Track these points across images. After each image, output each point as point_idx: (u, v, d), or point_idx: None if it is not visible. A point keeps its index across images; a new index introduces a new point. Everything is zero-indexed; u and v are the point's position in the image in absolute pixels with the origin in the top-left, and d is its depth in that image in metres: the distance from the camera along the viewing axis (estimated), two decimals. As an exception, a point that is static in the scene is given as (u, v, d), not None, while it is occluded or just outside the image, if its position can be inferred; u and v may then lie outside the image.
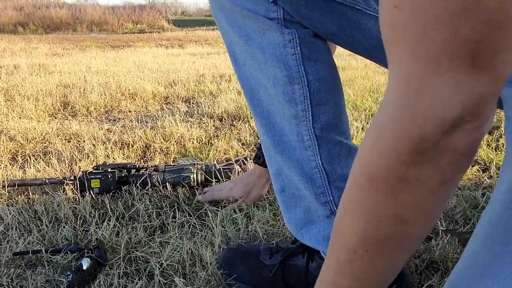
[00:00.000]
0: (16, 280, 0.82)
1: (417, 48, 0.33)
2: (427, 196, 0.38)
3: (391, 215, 0.39)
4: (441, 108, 0.33)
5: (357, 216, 0.41)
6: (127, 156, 1.48)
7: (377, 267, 0.43)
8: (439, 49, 0.32)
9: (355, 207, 0.42)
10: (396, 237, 0.41)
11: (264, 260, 0.79)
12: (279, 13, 0.63)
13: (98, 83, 2.88)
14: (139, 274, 0.84)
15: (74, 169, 1.37)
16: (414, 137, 0.35)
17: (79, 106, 2.24)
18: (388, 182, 0.37)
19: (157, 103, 2.41)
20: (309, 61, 0.65)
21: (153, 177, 1.18)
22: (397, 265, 0.45)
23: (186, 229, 0.98)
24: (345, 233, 0.43)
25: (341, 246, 0.44)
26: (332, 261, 0.47)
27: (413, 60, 0.34)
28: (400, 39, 0.34)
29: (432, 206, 0.39)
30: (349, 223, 0.43)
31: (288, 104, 0.66)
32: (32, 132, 1.72)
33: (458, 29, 0.31)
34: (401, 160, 0.36)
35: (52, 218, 1.04)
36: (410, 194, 0.37)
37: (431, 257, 0.87)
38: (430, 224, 0.41)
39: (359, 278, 0.45)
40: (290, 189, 0.73)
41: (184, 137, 1.67)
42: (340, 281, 0.46)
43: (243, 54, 0.68)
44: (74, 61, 4.20)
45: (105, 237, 0.93)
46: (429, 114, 0.34)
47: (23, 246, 0.92)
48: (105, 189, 1.15)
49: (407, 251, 0.43)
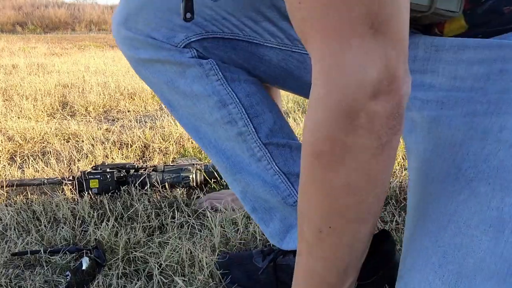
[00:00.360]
0: (14, 280, 0.82)
1: (325, 29, 0.38)
2: (370, 160, 0.41)
3: (343, 185, 0.42)
4: (359, 75, 0.38)
5: (314, 194, 0.44)
6: (126, 156, 1.48)
7: (343, 244, 0.46)
8: (341, 24, 0.37)
9: (310, 186, 0.45)
10: (353, 209, 0.44)
11: (257, 263, 0.80)
12: (193, 52, 0.69)
13: (96, 83, 2.88)
14: (138, 274, 0.84)
15: (73, 169, 1.36)
16: (342, 105, 0.39)
17: (78, 106, 2.24)
18: (332, 152, 0.41)
19: (156, 103, 2.41)
20: (233, 82, 0.70)
21: (152, 177, 1.18)
22: (363, 241, 0.47)
23: (185, 230, 0.98)
24: (308, 213, 0.46)
25: (308, 228, 0.47)
26: (303, 245, 0.49)
27: (324, 41, 0.39)
28: (310, 27, 0.39)
29: (377, 172, 0.42)
30: (309, 203, 0.46)
31: (230, 125, 0.71)
32: (30, 132, 1.72)
33: (352, 4, 0.37)
34: (336, 128, 0.40)
35: (51, 218, 1.04)
36: (354, 160, 0.41)
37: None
38: (381, 192, 0.44)
39: (329, 258, 0.47)
40: (260, 205, 0.75)
41: (183, 137, 1.67)
42: (313, 264, 0.49)
43: (174, 97, 0.73)
44: (72, 61, 4.19)
45: (104, 238, 0.93)
46: (350, 82, 0.38)
47: (21, 246, 0.92)
48: (104, 189, 1.14)
49: (367, 224, 0.46)
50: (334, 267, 0.48)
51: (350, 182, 0.42)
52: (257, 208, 0.76)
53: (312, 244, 0.47)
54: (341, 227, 0.45)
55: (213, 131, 0.73)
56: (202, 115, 0.72)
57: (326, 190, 0.43)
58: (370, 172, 0.42)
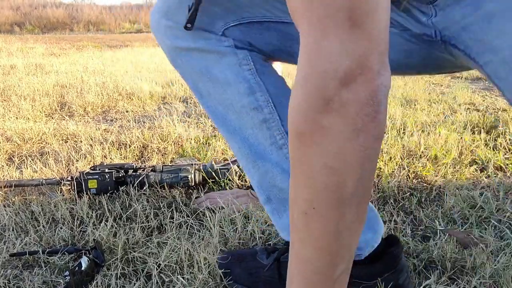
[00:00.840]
0: (13, 281, 0.82)
1: (309, 17, 0.43)
2: (346, 144, 0.44)
3: (322, 165, 0.45)
4: (334, 62, 0.42)
5: (298, 174, 0.48)
6: (124, 157, 1.47)
7: (329, 230, 0.48)
8: (324, 15, 0.42)
9: (294, 167, 0.48)
10: (333, 190, 0.46)
11: (262, 260, 0.81)
12: (230, 41, 0.73)
13: (95, 83, 2.87)
14: (137, 274, 0.84)
15: (71, 169, 1.36)
16: (318, 88, 0.43)
17: (76, 106, 2.24)
18: (310, 132, 0.45)
19: (155, 103, 2.41)
20: (263, 74, 0.74)
21: (150, 177, 1.18)
22: (350, 228, 0.49)
23: (184, 230, 0.97)
24: (294, 196, 0.49)
25: (296, 212, 0.50)
26: (293, 232, 0.51)
27: (308, 28, 0.43)
28: (299, 15, 0.44)
29: (354, 156, 0.45)
30: (295, 185, 0.49)
31: (255, 112, 0.73)
32: (28, 132, 1.72)
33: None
34: (313, 110, 0.44)
35: (49, 219, 1.03)
36: (330, 142, 0.44)
37: (429, 256, 0.87)
38: (362, 178, 0.46)
39: (317, 245, 0.49)
40: (275, 195, 0.76)
41: (181, 137, 1.67)
42: (303, 251, 0.51)
43: (206, 85, 0.76)
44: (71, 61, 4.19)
45: (102, 238, 0.93)
46: (326, 67, 0.42)
47: (20, 247, 0.91)
48: (102, 189, 1.14)
49: (350, 209, 0.48)
50: (323, 254, 0.50)
51: (327, 163, 0.45)
52: (272, 198, 0.76)
53: (301, 229, 0.50)
54: (324, 209, 0.47)
55: (238, 118, 0.75)
56: (230, 102, 0.75)
57: (307, 170, 0.47)
58: (345, 156, 0.45)
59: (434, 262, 0.86)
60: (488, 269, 0.80)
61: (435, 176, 1.28)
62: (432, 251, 0.87)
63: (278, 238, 0.94)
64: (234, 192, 1.13)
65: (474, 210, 1.05)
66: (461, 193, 1.13)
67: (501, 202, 1.10)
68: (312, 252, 0.50)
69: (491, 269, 0.80)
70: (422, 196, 1.14)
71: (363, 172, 0.46)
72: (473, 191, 1.14)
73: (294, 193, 0.50)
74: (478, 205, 1.07)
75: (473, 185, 1.21)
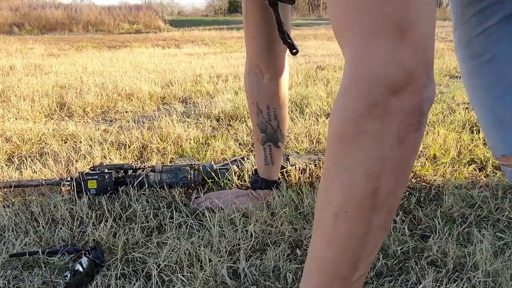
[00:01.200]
0: (13, 281, 0.82)
1: (359, 28, 0.45)
2: (389, 151, 0.45)
3: (364, 170, 0.46)
4: (383, 70, 0.43)
5: (335, 177, 0.49)
6: (124, 157, 1.47)
7: (357, 234, 0.49)
8: (373, 25, 0.44)
9: (331, 169, 0.49)
10: (369, 195, 0.47)
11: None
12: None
13: (94, 83, 2.87)
14: (136, 275, 0.84)
15: (71, 170, 1.36)
16: (365, 92, 0.44)
17: (76, 107, 2.24)
18: (353, 136, 0.46)
19: (154, 103, 2.41)
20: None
21: (150, 177, 1.18)
22: (375, 235, 0.50)
23: (184, 230, 0.98)
24: (327, 198, 0.50)
25: (326, 214, 0.50)
26: (318, 231, 0.52)
27: (359, 37, 0.45)
28: (347, 27, 0.46)
29: (394, 164, 0.46)
30: (329, 187, 0.50)
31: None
32: (28, 133, 1.72)
33: (384, 9, 0.43)
34: (358, 112, 0.45)
35: (49, 219, 1.03)
36: (372, 147, 0.45)
37: (429, 255, 0.87)
38: (397, 186, 0.48)
39: (342, 246, 0.50)
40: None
41: (181, 137, 1.67)
42: (326, 251, 0.51)
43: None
44: (70, 62, 4.19)
45: (102, 238, 0.93)
46: (374, 73, 0.44)
47: (19, 247, 0.91)
48: (102, 190, 1.14)
49: (380, 215, 0.49)
50: (347, 257, 0.51)
51: (368, 168, 0.46)
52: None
53: (328, 230, 0.51)
54: (356, 213, 0.48)
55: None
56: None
57: (344, 174, 0.47)
58: (386, 163, 0.46)
59: (434, 261, 0.86)
60: (487, 268, 0.80)
61: (434, 175, 1.28)
62: (432, 249, 0.88)
63: (278, 237, 0.94)
64: (234, 192, 1.13)
65: (473, 209, 1.05)
66: (460, 192, 1.13)
67: (500, 201, 1.10)
68: (336, 254, 0.51)
69: (490, 268, 0.80)
70: (421, 195, 1.14)
71: (398, 182, 0.48)
72: (472, 190, 1.15)
73: (326, 196, 0.50)
74: (477, 204, 1.07)
75: (472, 184, 1.21)
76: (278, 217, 1.01)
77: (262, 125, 1.07)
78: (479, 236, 0.93)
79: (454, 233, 0.94)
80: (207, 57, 4.73)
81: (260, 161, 1.11)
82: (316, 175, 1.25)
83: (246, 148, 1.56)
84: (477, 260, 0.83)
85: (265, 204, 1.08)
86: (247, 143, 1.61)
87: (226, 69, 3.65)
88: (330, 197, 0.50)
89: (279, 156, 1.12)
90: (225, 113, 2.05)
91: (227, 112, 2.06)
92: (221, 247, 0.90)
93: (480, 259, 0.83)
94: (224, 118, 1.99)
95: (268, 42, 0.98)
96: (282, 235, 0.95)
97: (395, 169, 0.46)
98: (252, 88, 1.06)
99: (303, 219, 1.01)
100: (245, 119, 1.95)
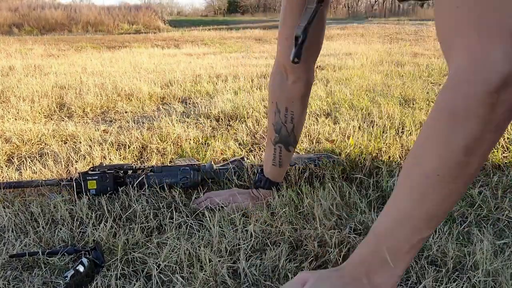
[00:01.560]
0: (13, 282, 0.82)
1: (479, 29, 0.53)
2: (487, 135, 0.55)
3: (463, 145, 0.55)
4: (499, 66, 0.52)
5: (435, 145, 0.58)
6: (123, 157, 1.47)
7: (441, 197, 0.59)
8: (493, 28, 0.52)
9: (434, 138, 0.58)
10: (462, 168, 0.57)
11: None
12: None
13: (94, 84, 2.87)
14: (136, 275, 0.84)
15: (71, 170, 1.36)
16: (483, 79, 0.53)
17: (75, 107, 2.24)
18: (465, 117, 0.54)
19: (154, 103, 2.41)
20: None
21: (150, 178, 1.18)
22: (451, 201, 0.60)
23: (184, 230, 0.98)
24: (422, 159, 0.59)
25: (417, 173, 0.60)
26: (403, 186, 0.62)
27: (478, 38, 0.53)
28: (464, 28, 0.54)
29: (489, 147, 0.56)
30: (427, 152, 0.59)
31: None
32: (28, 133, 1.72)
33: (503, 13, 0.52)
34: (475, 98, 0.53)
35: (49, 219, 1.03)
36: (478, 128, 0.54)
37: (429, 255, 0.87)
38: (480, 164, 0.58)
39: (424, 206, 0.60)
40: None
41: (180, 137, 1.67)
42: (408, 206, 0.61)
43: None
44: (69, 62, 4.19)
45: (102, 239, 0.93)
46: (492, 68, 0.52)
47: (19, 248, 0.91)
48: (101, 190, 1.14)
49: (461, 186, 0.59)
50: (425, 215, 0.60)
51: (467, 144, 0.55)
52: None
53: (415, 187, 0.60)
54: (446, 179, 0.58)
55: None
56: None
57: (447, 145, 0.56)
58: (484, 143, 0.55)
59: (434, 260, 0.86)
60: (487, 267, 0.80)
61: (434, 175, 1.28)
62: (432, 248, 0.88)
63: (278, 237, 0.94)
64: (233, 192, 1.13)
65: (473, 209, 1.05)
66: (460, 192, 1.13)
67: (500, 200, 1.10)
68: (417, 210, 0.60)
69: (490, 267, 0.80)
70: (421, 195, 1.14)
71: (483, 161, 0.58)
72: (471, 189, 1.15)
73: (421, 157, 0.60)
74: (477, 204, 1.07)
75: (471, 184, 1.21)
76: (278, 217, 1.01)
77: (277, 126, 1.07)
78: (479, 236, 0.93)
79: (454, 233, 0.94)
80: (206, 57, 4.73)
81: (268, 160, 1.11)
82: (316, 175, 1.25)
83: (246, 148, 1.56)
84: (477, 259, 0.83)
85: (265, 204, 1.08)
86: (246, 143, 1.61)
87: (226, 69, 3.65)
88: (425, 159, 0.59)
89: (288, 160, 1.12)
90: (225, 113, 2.05)
91: (226, 112, 2.06)
92: (221, 247, 0.90)
93: (480, 258, 0.83)
94: (224, 118, 1.99)
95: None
96: (282, 235, 0.95)
97: (486, 151, 0.56)
98: (275, 87, 1.06)
99: (303, 219, 1.01)
100: (244, 119, 1.95)
